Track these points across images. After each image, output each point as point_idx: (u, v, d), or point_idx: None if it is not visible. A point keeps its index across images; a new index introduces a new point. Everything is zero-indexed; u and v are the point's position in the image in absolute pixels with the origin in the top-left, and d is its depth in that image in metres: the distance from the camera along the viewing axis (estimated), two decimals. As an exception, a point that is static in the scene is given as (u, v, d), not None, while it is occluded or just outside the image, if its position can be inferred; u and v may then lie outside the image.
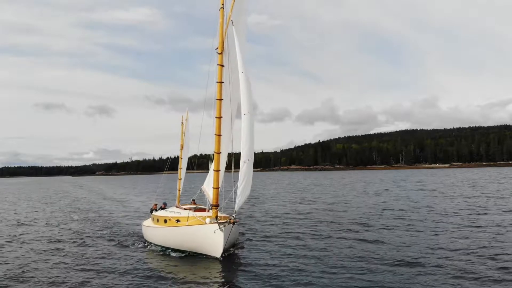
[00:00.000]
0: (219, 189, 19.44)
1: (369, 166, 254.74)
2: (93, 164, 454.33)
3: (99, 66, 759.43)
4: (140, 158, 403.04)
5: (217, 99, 19.39)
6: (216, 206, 19.12)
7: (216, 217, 18.27)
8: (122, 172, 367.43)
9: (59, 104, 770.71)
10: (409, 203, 38.18)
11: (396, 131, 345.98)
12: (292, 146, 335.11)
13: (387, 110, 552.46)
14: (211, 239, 17.23)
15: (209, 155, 22.50)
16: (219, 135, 19.24)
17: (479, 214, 28.92)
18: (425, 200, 40.18)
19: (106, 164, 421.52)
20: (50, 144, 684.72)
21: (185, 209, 21.96)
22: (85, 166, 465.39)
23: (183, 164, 27.56)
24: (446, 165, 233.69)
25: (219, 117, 19.25)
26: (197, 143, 21.38)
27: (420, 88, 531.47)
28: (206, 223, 17.79)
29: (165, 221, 20.80)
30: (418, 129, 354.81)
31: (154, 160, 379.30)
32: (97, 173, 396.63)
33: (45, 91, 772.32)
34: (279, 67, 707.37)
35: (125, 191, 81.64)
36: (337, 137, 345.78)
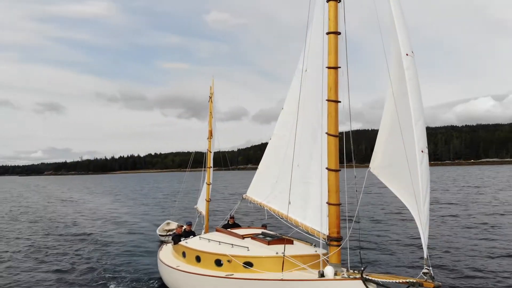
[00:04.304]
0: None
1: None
2: (42, 163, 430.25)
3: (50, 61, 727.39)
4: (91, 158, 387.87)
5: (328, 34, 10.19)
6: (337, 240, 9.86)
7: (364, 273, 8.66)
8: (72, 172, 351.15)
9: (4, 100, 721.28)
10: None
11: (347, 131, 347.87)
12: (249, 145, 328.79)
13: (340, 110, 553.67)
14: None
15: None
16: (337, 102, 10.08)
17: None
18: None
19: (56, 163, 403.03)
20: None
21: (243, 237, 12.52)
22: (33, 165, 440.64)
23: (211, 160, 17.97)
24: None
25: (336, 67, 10.13)
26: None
27: (371, 89, 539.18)
28: (334, 279, 8.69)
29: (219, 262, 11.34)
30: (370, 129, 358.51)
31: (106, 159, 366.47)
32: (45, 172, 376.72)
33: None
34: (240, 66, 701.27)
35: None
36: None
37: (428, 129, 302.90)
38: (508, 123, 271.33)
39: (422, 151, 8.41)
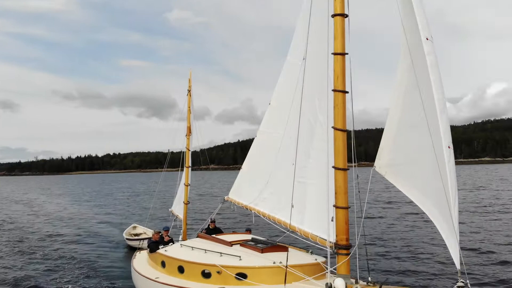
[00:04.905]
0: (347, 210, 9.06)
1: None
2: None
3: (5, 57, 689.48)
4: (47, 157, 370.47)
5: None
6: (347, 248, 8.78)
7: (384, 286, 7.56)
8: (27, 173, 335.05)
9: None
10: None
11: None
12: (212, 146, 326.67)
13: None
14: None
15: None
16: (345, 92, 9.01)
17: None
18: None
19: (9, 163, 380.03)
20: None
21: (231, 243, 11.28)
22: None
23: (190, 159, 16.54)
24: (354, 164, 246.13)
25: (343, 53, 9.05)
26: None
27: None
28: None
29: (206, 273, 10.10)
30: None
31: (62, 159, 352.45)
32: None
33: None
34: (202, 65, 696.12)
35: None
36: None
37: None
38: (461, 125, 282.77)
39: (448, 147, 7.47)
